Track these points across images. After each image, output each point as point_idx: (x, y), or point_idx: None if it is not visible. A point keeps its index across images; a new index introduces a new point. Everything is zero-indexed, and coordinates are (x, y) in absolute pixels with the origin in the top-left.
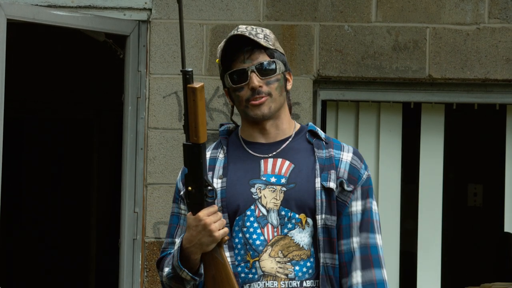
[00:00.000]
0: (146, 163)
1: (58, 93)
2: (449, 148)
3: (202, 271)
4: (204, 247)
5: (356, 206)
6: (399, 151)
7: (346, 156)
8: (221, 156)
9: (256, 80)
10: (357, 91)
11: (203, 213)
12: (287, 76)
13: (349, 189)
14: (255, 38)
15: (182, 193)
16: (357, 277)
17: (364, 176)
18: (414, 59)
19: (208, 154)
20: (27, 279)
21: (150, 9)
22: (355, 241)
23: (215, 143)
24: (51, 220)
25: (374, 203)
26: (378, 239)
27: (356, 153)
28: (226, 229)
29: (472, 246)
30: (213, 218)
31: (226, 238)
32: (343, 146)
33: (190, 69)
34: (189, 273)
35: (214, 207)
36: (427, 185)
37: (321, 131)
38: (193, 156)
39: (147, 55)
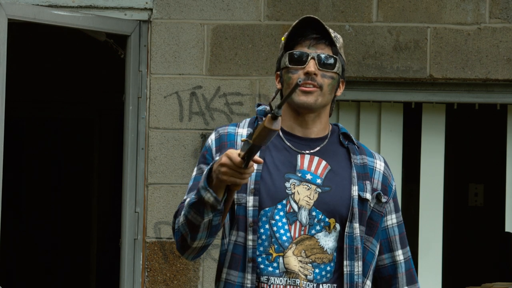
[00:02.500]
0: (147, 163)
1: (59, 93)
2: (450, 148)
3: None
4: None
5: (392, 220)
6: (400, 151)
7: (379, 165)
8: None
9: (313, 66)
10: (358, 91)
11: (229, 155)
12: (340, 83)
13: (384, 200)
14: (327, 28)
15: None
16: None
17: (393, 188)
18: (415, 59)
19: (244, 131)
20: (27, 279)
21: (151, 9)
22: (398, 255)
23: (249, 119)
24: (52, 220)
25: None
26: (409, 250)
27: (386, 162)
28: (237, 180)
29: (473, 246)
30: (227, 162)
31: (236, 188)
32: (374, 154)
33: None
34: (213, 194)
35: (237, 159)
36: (428, 185)
37: (351, 135)
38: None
39: (148, 55)
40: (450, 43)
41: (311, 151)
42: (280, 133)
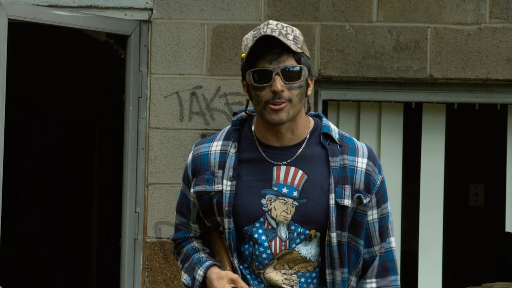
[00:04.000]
0: (147, 163)
1: (59, 93)
2: (450, 148)
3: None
4: None
5: (373, 215)
6: (400, 151)
7: (361, 163)
8: (232, 152)
9: (279, 84)
10: (358, 91)
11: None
12: (309, 81)
13: (366, 200)
14: (286, 41)
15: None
16: (371, 283)
17: (378, 182)
18: (415, 59)
19: (218, 146)
20: (27, 279)
21: (151, 9)
22: (376, 250)
23: (227, 129)
24: (52, 220)
25: (388, 205)
26: (393, 242)
27: (370, 157)
28: None
29: (473, 246)
30: None
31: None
32: (358, 149)
33: None
34: None
35: None
36: (428, 185)
37: (335, 130)
38: None
39: (148, 55)
40: (450, 43)
41: (288, 161)
42: (257, 144)
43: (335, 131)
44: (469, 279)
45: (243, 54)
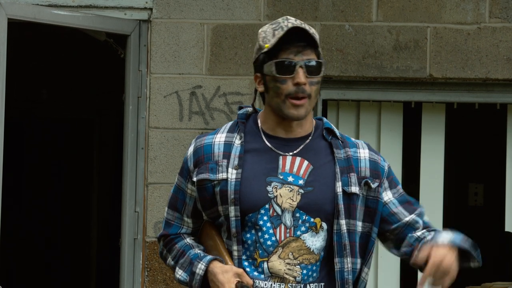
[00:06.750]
0: (147, 162)
1: (59, 93)
2: (450, 148)
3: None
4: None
5: (388, 196)
6: (400, 151)
7: (364, 153)
8: (237, 142)
9: (303, 76)
10: (358, 91)
11: (221, 278)
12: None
13: (375, 185)
14: (313, 35)
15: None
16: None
17: (386, 168)
18: (415, 58)
19: (222, 138)
20: (27, 279)
21: (151, 9)
22: (407, 220)
23: (230, 123)
24: (52, 219)
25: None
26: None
27: (370, 148)
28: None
29: None
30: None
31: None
32: (357, 144)
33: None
34: None
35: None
36: (427, 184)
37: (336, 129)
38: None
39: (148, 55)
40: (450, 42)
41: (294, 152)
42: (262, 135)
43: (336, 129)
44: (469, 279)
45: (267, 45)
